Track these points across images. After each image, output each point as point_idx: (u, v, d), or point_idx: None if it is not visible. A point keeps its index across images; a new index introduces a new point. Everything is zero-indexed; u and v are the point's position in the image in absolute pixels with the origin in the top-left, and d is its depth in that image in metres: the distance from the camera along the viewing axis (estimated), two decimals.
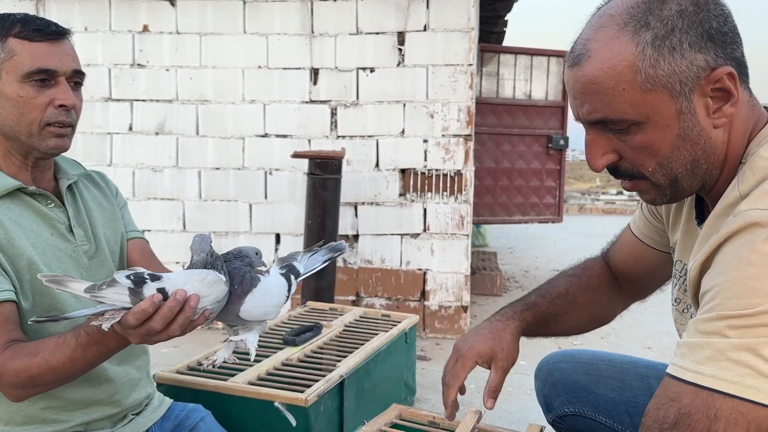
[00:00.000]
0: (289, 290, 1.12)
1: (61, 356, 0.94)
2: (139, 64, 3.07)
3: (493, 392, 1.03)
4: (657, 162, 0.75)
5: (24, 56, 1.02)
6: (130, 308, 0.80)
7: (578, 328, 1.18)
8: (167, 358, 2.41)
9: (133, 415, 1.22)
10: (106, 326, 0.82)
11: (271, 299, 1.07)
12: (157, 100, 3.11)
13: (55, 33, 1.05)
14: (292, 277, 1.12)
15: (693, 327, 0.66)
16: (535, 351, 2.33)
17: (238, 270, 0.97)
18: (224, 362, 1.03)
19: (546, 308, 1.12)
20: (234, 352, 1.04)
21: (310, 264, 1.14)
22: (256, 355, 1.38)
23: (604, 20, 0.71)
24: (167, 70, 3.07)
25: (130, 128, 3.12)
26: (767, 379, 0.57)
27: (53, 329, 1.04)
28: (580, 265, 1.21)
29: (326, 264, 1.14)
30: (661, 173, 0.75)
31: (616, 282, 1.16)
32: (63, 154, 1.17)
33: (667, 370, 0.66)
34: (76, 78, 1.08)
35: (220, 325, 2.71)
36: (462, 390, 1.06)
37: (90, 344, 0.93)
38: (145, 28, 3.04)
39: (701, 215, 0.82)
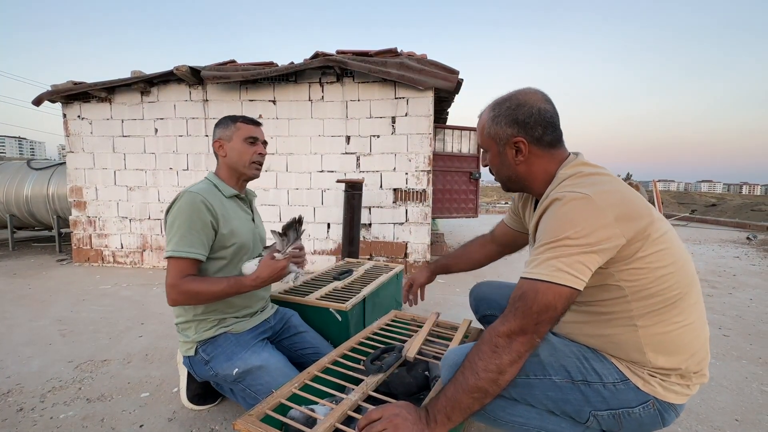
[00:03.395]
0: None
1: (214, 287, 1.18)
2: None
3: (415, 294, 1.40)
4: (494, 171, 1.00)
5: (244, 130, 1.35)
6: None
7: (469, 269, 1.39)
8: (272, 287, 2.17)
9: (260, 311, 1.45)
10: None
11: None
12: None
13: (256, 122, 1.40)
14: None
15: (532, 253, 0.83)
16: (468, 284, 3.23)
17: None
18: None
19: (448, 261, 1.41)
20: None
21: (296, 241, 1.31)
22: (320, 283, 1.91)
23: (489, 104, 0.97)
24: (271, 137, 3.67)
25: None
26: (562, 272, 0.76)
27: (215, 271, 1.27)
28: (473, 239, 1.42)
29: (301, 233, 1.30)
30: (497, 177, 1.01)
31: (493, 245, 1.37)
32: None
33: (520, 276, 0.82)
34: (265, 144, 1.41)
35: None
36: (412, 293, 1.43)
37: (230, 287, 1.20)
38: (260, 116, 3.66)
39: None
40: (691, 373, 0.85)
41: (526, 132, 0.90)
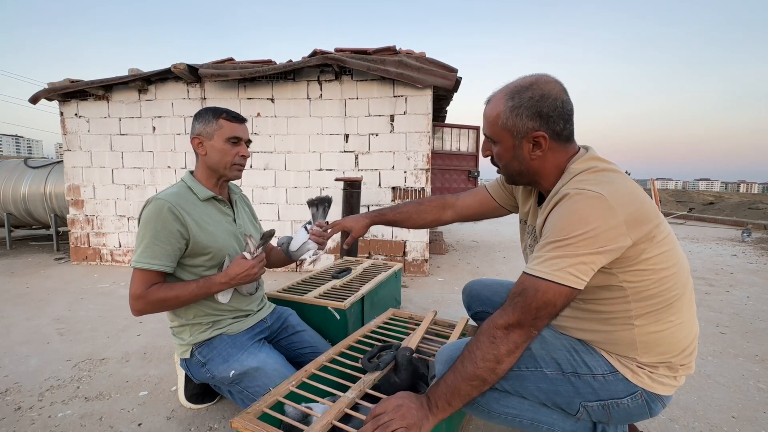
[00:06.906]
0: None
1: (182, 292, 1.17)
2: (255, 133, 3.68)
3: (348, 243, 1.30)
4: (503, 164, 0.95)
5: (227, 128, 1.25)
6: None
7: (415, 228, 1.33)
8: (270, 287, 2.86)
9: (257, 311, 1.43)
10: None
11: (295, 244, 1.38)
12: (264, 152, 3.71)
13: (241, 118, 1.30)
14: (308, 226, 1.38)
15: (536, 248, 0.82)
16: (463, 281, 3.35)
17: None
18: (311, 259, 1.41)
19: (396, 216, 1.33)
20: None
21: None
22: (318, 282, 1.93)
23: (501, 90, 0.90)
24: (270, 136, 3.69)
25: (251, 166, 3.73)
26: (564, 272, 0.75)
27: (184, 277, 1.23)
28: (430, 198, 1.35)
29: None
30: (504, 170, 0.97)
31: (450, 212, 1.31)
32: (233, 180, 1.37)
33: (523, 270, 0.82)
34: (249, 142, 1.34)
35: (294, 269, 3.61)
36: (347, 244, 1.30)
37: (200, 289, 1.19)
38: (258, 114, 3.69)
39: (541, 202, 1.00)
40: (678, 366, 0.87)
41: (548, 126, 0.85)
